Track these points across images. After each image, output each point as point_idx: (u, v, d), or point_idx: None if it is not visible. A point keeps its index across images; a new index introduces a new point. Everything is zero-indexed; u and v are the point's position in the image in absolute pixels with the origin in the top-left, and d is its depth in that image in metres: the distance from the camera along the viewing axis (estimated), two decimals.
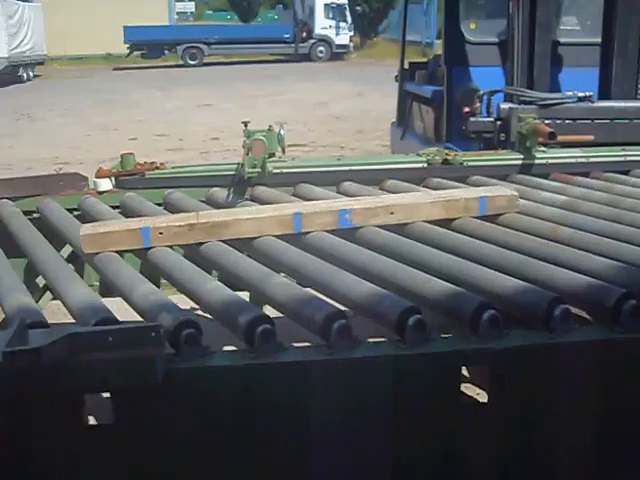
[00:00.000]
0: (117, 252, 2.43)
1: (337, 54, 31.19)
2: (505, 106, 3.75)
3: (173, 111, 16.37)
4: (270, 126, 3.34)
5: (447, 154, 3.33)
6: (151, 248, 2.43)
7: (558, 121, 3.83)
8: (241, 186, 3.21)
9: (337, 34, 31.42)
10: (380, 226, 2.53)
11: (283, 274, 2.30)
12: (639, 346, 1.88)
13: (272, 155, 3.34)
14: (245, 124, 3.44)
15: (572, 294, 1.98)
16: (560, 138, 3.40)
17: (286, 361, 1.83)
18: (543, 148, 3.44)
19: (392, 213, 2.55)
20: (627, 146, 3.58)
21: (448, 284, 2.02)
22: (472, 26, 5.58)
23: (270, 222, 2.47)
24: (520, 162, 3.37)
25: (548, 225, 2.57)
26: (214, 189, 3.23)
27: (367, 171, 3.24)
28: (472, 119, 3.87)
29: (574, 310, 1.96)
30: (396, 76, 6.64)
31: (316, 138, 12.17)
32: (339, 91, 19.37)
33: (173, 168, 3.36)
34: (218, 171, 3.29)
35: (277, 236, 2.47)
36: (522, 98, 3.86)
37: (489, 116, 3.87)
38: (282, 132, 3.43)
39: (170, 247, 2.45)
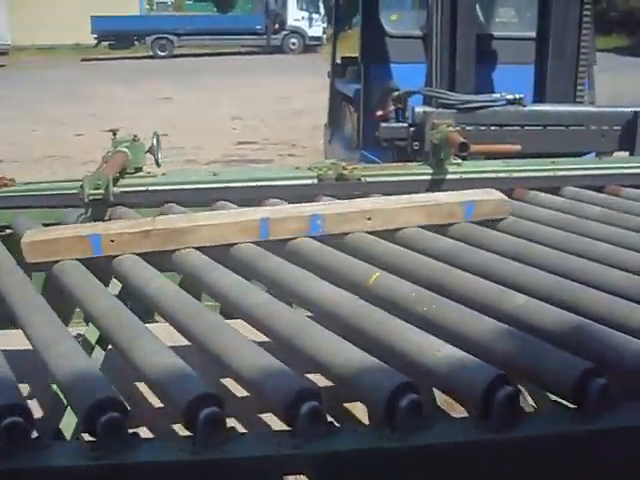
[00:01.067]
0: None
1: (310, 46, 30.49)
2: (420, 110, 3.26)
3: (132, 105, 15.74)
4: (135, 136, 2.87)
5: (344, 168, 2.85)
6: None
7: (483, 127, 3.37)
8: (100, 207, 2.73)
9: (310, 26, 30.70)
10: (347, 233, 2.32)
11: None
12: (512, 448, 1.42)
13: (139, 170, 2.88)
14: (114, 133, 2.98)
15: (434, 374, 1.51)
16: (477, 148, 2.92)
17: None
18: (459, 160, 2.97)
19: (369, 219, 2.34)
20: (558, 158, 3.12)
21: (270, 362, 1.52)
22: (393, 17, 5.01)
23: (234, 228, 2.27)
24: (429, 177, 2.89)
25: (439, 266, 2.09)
26: (68, 210, 2.75)
27: (246, 188, 2.76)
28: (383, 125, 3.35)
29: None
30: (329, 72, 6.14)
31: (270, 135, 11.66)
32: (307, 85, 18.73)
33: (25, 185, 2.87)
34: (77, 188, 2.80)
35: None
36: (441, 101, 3.38)
37: (404, 121, 3.37)
38: (154, 142, 2.97)
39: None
